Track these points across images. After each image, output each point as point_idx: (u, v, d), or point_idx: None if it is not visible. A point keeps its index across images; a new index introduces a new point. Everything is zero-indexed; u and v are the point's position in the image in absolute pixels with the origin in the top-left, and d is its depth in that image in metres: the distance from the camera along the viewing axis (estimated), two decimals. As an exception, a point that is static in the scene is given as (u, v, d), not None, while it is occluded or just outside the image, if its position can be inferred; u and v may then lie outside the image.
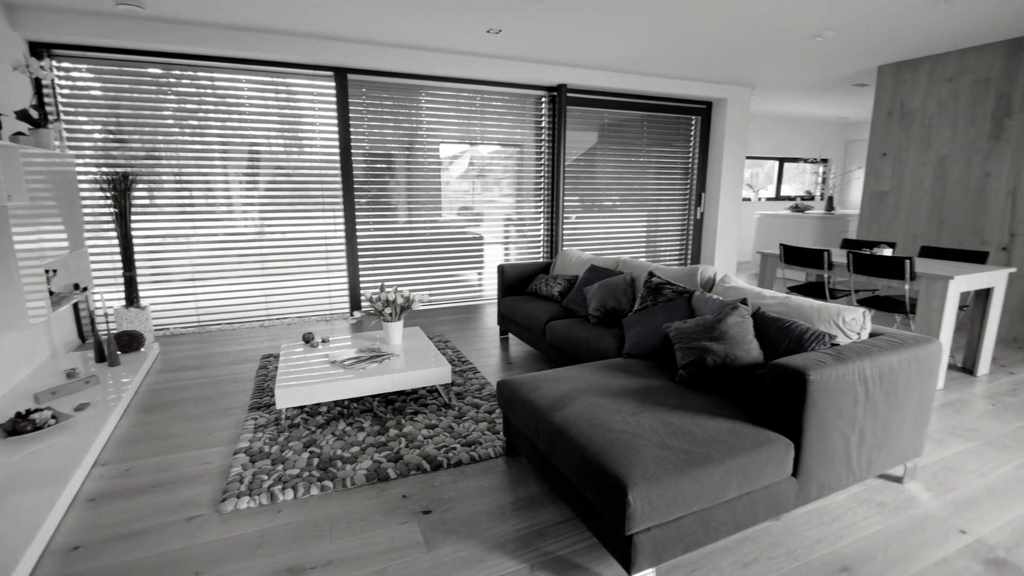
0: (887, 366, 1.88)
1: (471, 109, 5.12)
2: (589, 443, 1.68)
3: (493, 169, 5.39)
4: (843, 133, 9.44)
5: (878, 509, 2.03)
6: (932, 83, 4.70)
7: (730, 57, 4.78)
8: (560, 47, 4.51)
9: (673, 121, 6.16)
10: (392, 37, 4.24)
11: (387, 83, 4.73)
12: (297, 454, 2.40)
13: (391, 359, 2.91)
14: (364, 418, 2.76)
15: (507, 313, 3.94)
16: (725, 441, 1.69)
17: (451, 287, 5.38)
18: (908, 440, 2.06)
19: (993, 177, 4.34)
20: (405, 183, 4.99)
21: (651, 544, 1.53)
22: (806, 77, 5.58)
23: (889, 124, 5.07)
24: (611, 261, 3.65)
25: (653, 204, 6.28)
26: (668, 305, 2.69)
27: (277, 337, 4.31)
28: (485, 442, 2.51)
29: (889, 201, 5.14)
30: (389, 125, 4.82)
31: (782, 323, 2.13)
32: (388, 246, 5.02)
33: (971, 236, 4.52)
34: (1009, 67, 4.18)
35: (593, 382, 2.17)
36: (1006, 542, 1.86)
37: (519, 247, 5.68)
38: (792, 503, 1.81)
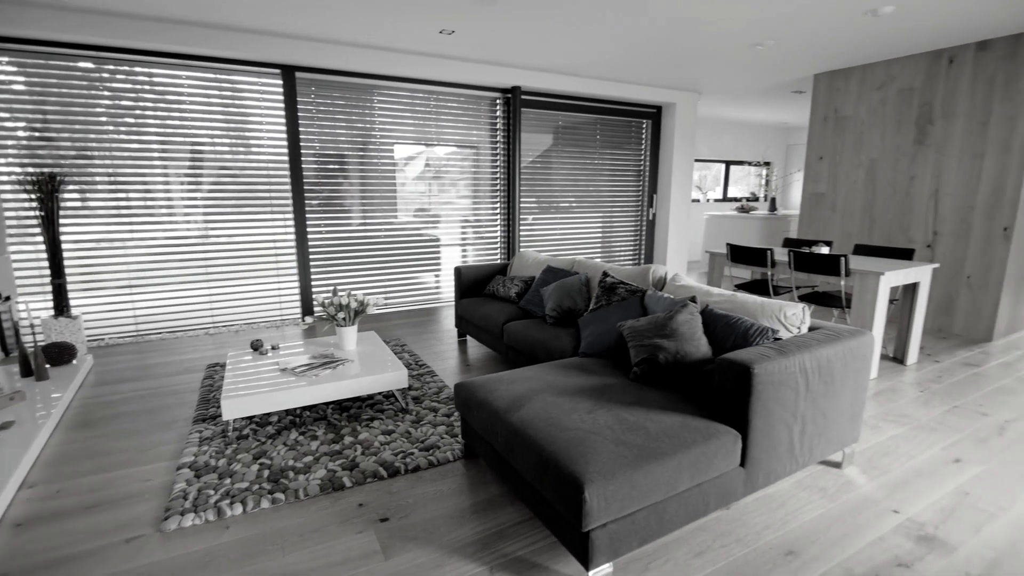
0: (825, 358, 1.98)
1: (426, 110, 5.07)
2: (546, 442, 1.70)
3: (449, 170, 5.36)
4: (784, 137, 9.92)
5: (820, 494, 2.14)
6: (863, 91, 5.00)
7: (678, 63, 4.94)
8: (513, 49, 4.54)
9: (625, 124, 6.30)
10: (342, 35, 4.15)
11: (338, 82, 4.63)
12: (246, 467, 2.31)
13: (345, 365, 2.84)
14: (318, 426, 2.68)
15: (465, 315, 3.93)
16: (677, 435, 1.74)
17: (408, 290, 5.31)
18: (845, 427, 2.18)
19: (918, 180, 4.66)
20: (359, 184, 4.90)
21: (608, 539, 1.55)
22: (749, 84, 5.83)
23: (825, 129, 5.36)
24: (567, 262, 3.70)
25: (607, 205, 6.41)
26: (622, 304, 2.75)
27: (223, 345, 4.13)
28: (443, 446, 2.48)
29: (826, 202, 5.43)
30: (341, 125, 4.72)
31: (729, 319, 2.21)
32: (342, 249, 4.90)
33: (899, 234, 4.84)
34: (930, 77, 4.51)
35: (550, 382, 2.19)
36: (934, 519, 1.99)
37: (476, 249, 5.67)
38: (741, 492, 1.88)
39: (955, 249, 4.45)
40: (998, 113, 4.11)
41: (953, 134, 4.39)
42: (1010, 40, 4.01)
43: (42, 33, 3.55)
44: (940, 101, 4.45)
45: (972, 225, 4.33)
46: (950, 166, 4.43)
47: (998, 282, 4.21)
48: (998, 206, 4.16)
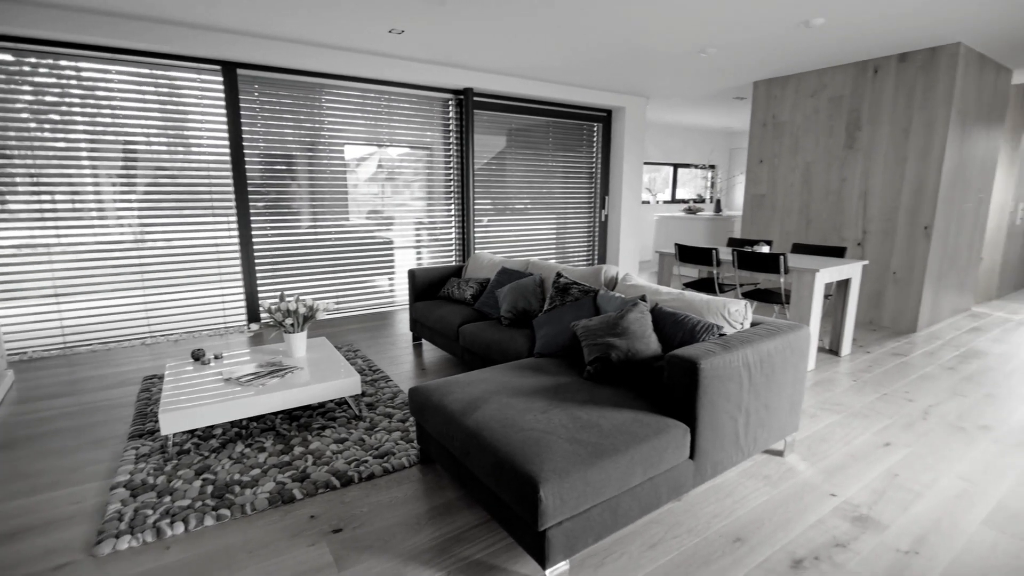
0: (766, 352, 2.07)
1: (377, 110, 4.98)
2: (501, 444, 1.70)
3: (403, 172, 5.29)
4: (728, 141, 10.35)
5: (764, 481, 2.24)
6: (798, 98, 5.28)
7: (626, 68, 5.06)
8: (465, 51, 4.53)
9: (577, 127, 6.40)
10: (286, 32, 4.03)
11: (284, 80, 4.48)
12: (188, 483, 2.19)
13: (294, 373, 2.75)
14: (265, 438, 2.58)
15: (419, 319, 3.88)
16: (629, 431, 1.78)
17: (360, 294, 5.20)
18: (786, 417, 2.29)
19: (848, 182, 4.96)
20: (308, 186, 4.75)
21: (563, 537, 1.57)
22: (694, 89, 6.05)
23: (764, 134, 5.63)
24: (521, 263, 3.72)
25: (561, 207, 6.49)
26: (575, 304, 2.79)
27: (162, 355, 3.92)
28: (399, 452, 2.44)
29: (766, 203, 5.70)
30: (288, 125, 4.57)
31: (677, 317, 2.29)
32: (290, 252, 4.74)
33: (833, 233, 5.14)
34: (858, 86, 4.81)
35: (505, 383, 2.19)
36: (867, 500, 2.12)
37: (431, 251, 5.62)
38: (691, 483, 1.95)
39: (882, 247, 4.77)
40: (918, 120, 4.44)
41: (879, 139, 4.70)
42: (927, 53, 4.33)
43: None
44: (867, 108, 4.76)
45: (897, 224, 4.65)
46: (876, 169, 4.74)
47: (920, 277, 4.54)
48: (919, 206, 4.49)
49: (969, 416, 2.91)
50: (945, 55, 4.22)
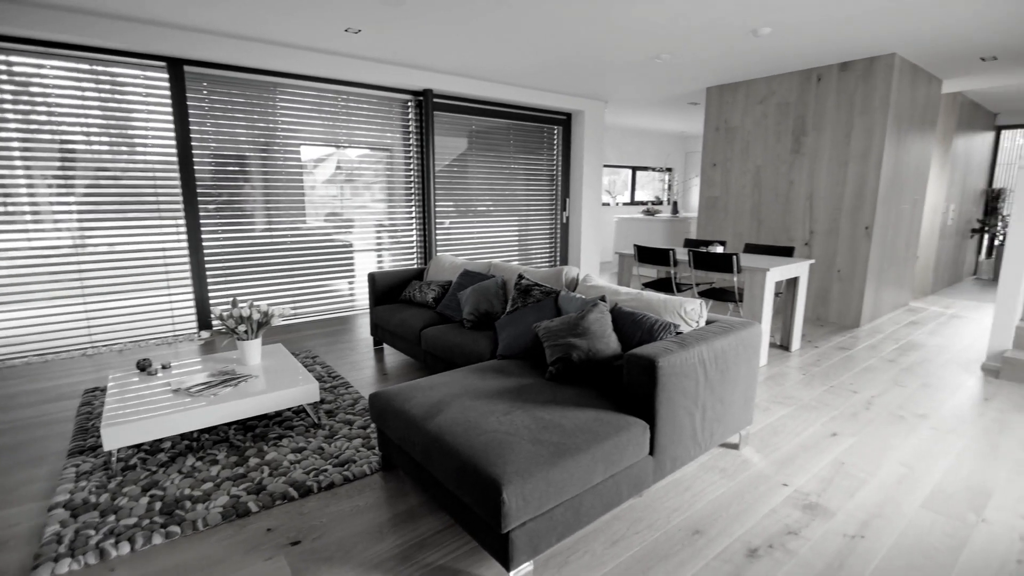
0: (720, 349, 2.14)
1: (334, 110, 4.88)
2: (464, 447, 1.69)
3: (363, 173, 5.19)
4: (683, 145, 10.65)
5: (721, 474, 2.31)
6: (748, 104, 5.49)
7: (584, 72, 5.14)
8: (424, 52, 4.50)
9: (537, 130, 6.45)
10: (235, 28, 3.90)
11: (235, 78, 4.33)
12: (134, 500, 2.08)
13: (248, 381, 2.65)
14: (218, 449, 2.48)
15: (380, 323, 3.82)
16: (591, 430, 1.80)
17: (319, 298, 5.07)
18: (740, 411, 2.37)
19: (795, 185, 5.19)
20: (262, 188, 4.61)
21: (527, 538, 1.57)
22: (650, 94, 6.20)
23: (717, 138, 5.82)
24: (483, 265, 3.71)
25: (523, 209, 6.52)
26: (537, 306, 2.80)
27: (105, 367, 3.71)
28: (360, 459, 2.39)
29: (719, 205, 5.89)
30: (241, 124, 4.41)
31: (635, 316, 2.33)
32: (243, 257, 4.58)
33: (782, 234, 5.36)
34: (803, 93, 5.04)
35: (467, 386, 2.18)
36: (816, 488, 2.22)
37: (393, 254, 5.54)
38: (651, 479, 1.99)
39: (827, 246, 5.01)
40: (858, 126, 4.68)
41: (823, 144, 4.94)
42: (866, 62, 4.58)
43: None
44: (811, 114, 4.99)
45: (840, 225, 4.89)
46: (821, 173, 4.97)
47: (862, 275, 4.79)
48: (860, 208, 4.73)
49: (908, 405, 3.09)
50: (882, 65, 4.48)
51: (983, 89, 5.83)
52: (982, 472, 2.35)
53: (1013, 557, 1.80)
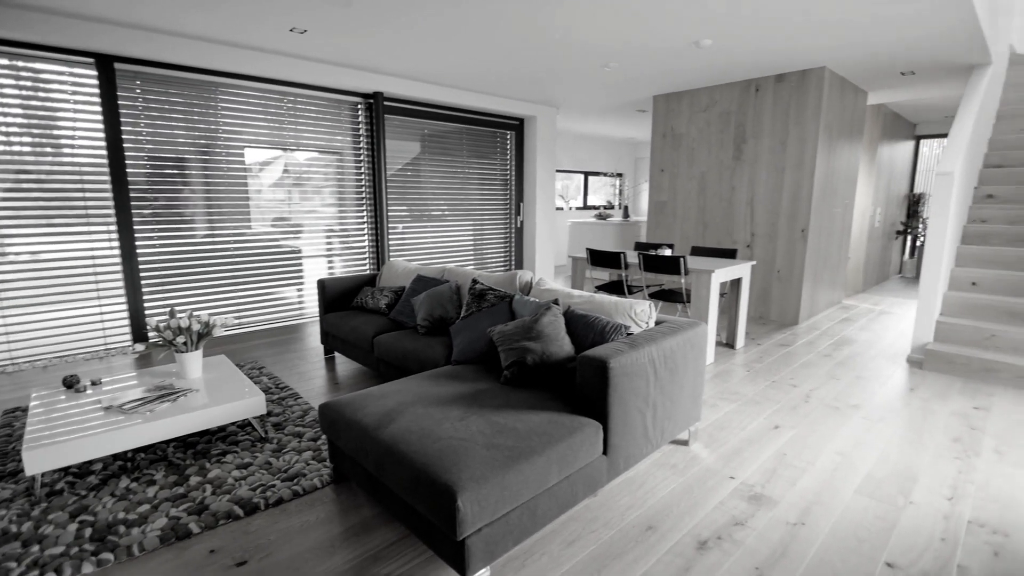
0: (669, 348, 2.21)
1: (280, 112, 4.73)
2: (418, 455, 1.66)
3: (312, 177, 5.04)
4: (633, 151, 10.94)
5: (672, 470, 2.38)
6: (692, 112, 5.70)
7: (535, 78, 5.20)
8: (374, 55, 4.43)
9: (490, 135, 6.47)
10: (171, 24, 3.71)
11: (171, 77, 4.12)
12: (61, 528, 1.94)
13: (188, 396, 2.52)
14: (156, 469, 2.34)
15: (331, 330, 3.71)
16: (545, 432, 1.81)
17: (265, 307, 4.88)
18: (689, 408, 2.45)
19: (737, 190, 5.42)
20: (203, 191, 4.40)
21: (483, 544, 1.56)
22: (600, 101, 6.34)
23: (664, 145, 6.01)
24: (437, 270, 3.68)
25: (477, 213, 6.51)
26: (491, 310, 2.80)
27: (26, 384, 3.43)
28: (310, 473, 2.31)
29: (667, 209, 6.09)
30: (179, 125, 4.20)
31: (588, 319, 2.37)
32: (183, 264, 4.35)
33: (726, 237, 5.58)
34: (743, 103, 5.28)
35: (421, 393, 2.16)
36: (761, 480, 2.32)
37: (344, 260, 5.41)
38: (605, 478, 2.02)
39: (767, 248, 5.26)
40: (793, 134, 4.95)
41: (761, 151, 5.19)
42: (799, 75, 4.85)
43: None
44: (751, 123, 5.24)
45: (779, 228, 5.15)
46: (760, 179, 5.22)
47: (800, 275, 5.05)
48: (796, 212, 5.00)
49: (842, 397, 3.28)
50: (814, 77, 4.76)
51: (903, 101, 6.30)
52: (909, 458, 2.52)
53: (937, 535, 1.94)
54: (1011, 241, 4.42)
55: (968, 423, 2.92)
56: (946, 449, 2.61)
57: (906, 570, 1.76)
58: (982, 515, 2.07)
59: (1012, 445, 2.66)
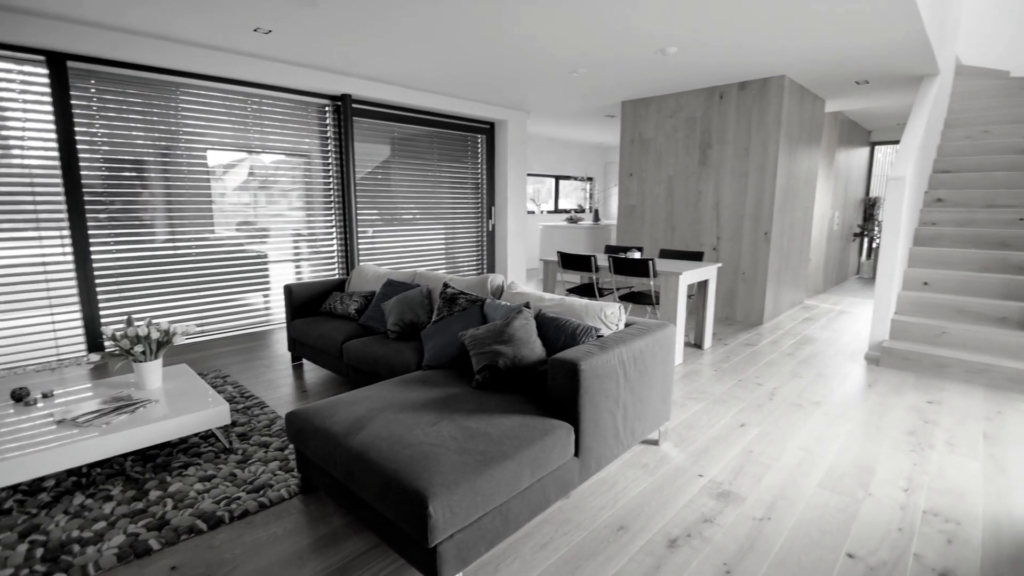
0: (639, 349, 2.24)
1: (244, 114, 4.61)
2: (388, 462, 1.64)
3: (279, 180, 4.93)
4: (602, 156, 11.08)
5: (643, 470, 2.41)
6: (660, 118, 5.81)
7: (505, 83, 5.22)
8: (341, 56, 4.37)
9: (461, 138, 6.46)
10: (127, 22, 3.59)
11: (128, 76, 3.98)
12: (10, 548, 1.83)
13: (147, 407, 2.42)
14: (113, 484, 2.25)
15: (299, 337, 3.63)
16: (517, 435, 1.81)
17: (230, 313, 4.74)
18: (659, 408, 2.49)
19: (703, 194, 5.55)
20: (163, 195, 4.25)
21: (455, 550, 1.55)
22: (570, 106, 6.40)
23: (632, 150, 6.11)
24: (408, 274, 3.65)
25: (449, 217, 6.48)
26: (463, 314, 2.79)
27: (-28, 399, 3.25)
28: (277, 483, 2.26)
29: (637, 213, 6.18)
30: (137, 126, 4.05)
31: (559, 322, 2.39)
32: (141, 270, 4.19)
33: (693, 240, 5.71)
34: (707, 109, 5.42)
35: (392, 399, 2.13)
36: (728, 477, 2.37)
37: (312, 264, 5.30)
38: (577, 480, 2.03)
39: (733, 251, 5.40)
40: (755, 140, 5.10)
41: (726, 157, 5.33)
42: (761, 82, 5.01)
43: None
44: (715, 129, 5.38)
45: (743, 231, 5.29)
46: (725, 183, 5.36)
47: (763, 276, 5.20)
48: (760, 215, 5.15)
49: (805, 394, 3.38)
50: (774, 85, 4.92)
51: (859, 109, 6.57)
52: (867, 451, 2.62)
53: (895, 525, 2.02)
54: (959, 243, 4.65)
55: (922, 417, 3.05)
56: (902, 442, 2.72)
57: (865, 560, 1.82)
58: (936, 505, 2.16)
59: (962, 437, 2.79)
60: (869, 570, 1.77)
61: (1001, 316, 3.97)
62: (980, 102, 5.98)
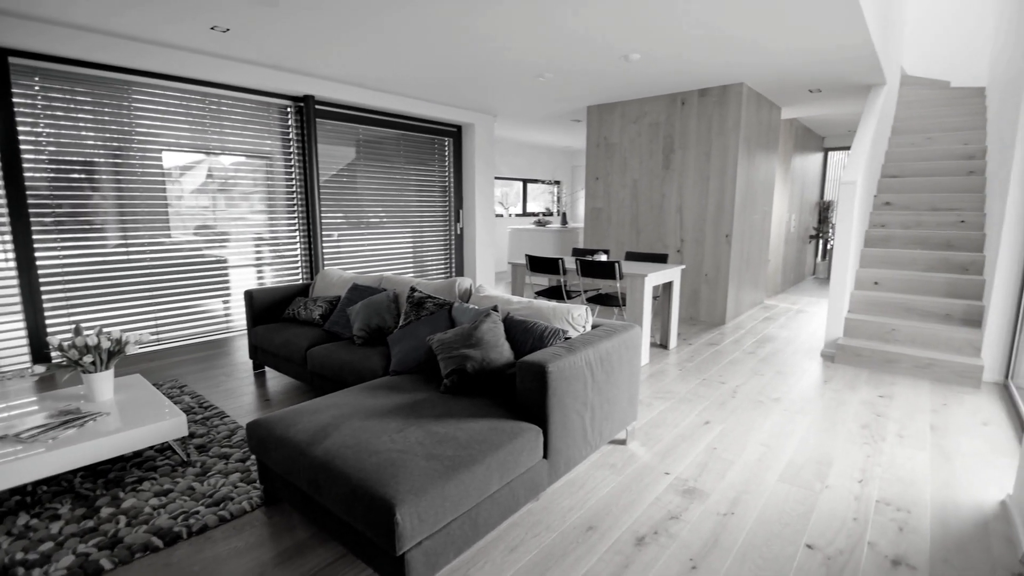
0: (606, 351, 2.27)
1: (202, 114, 4.46)
2: (354, 470, 1.61)
3: (239, 182, 4.79)
4: (570, 159, 11.20)
5: (611, 470, 2.44)
6: (624, 123, 5.92)
7: (472, 86, 5.22)
8: (303, 57, 4.28)
9: (428, 141, 6.42)
10: (75, 17, 3.43)
11: (76, 74, 3.80)
12: (-59, 576, 1.72)
13: (98, 420, 2.31)
14: (60, 502, 2.13)
15: (260, 344, 3.53)
16: (486, 439, 1.81)
17: (187, 321, 4.58)
18: (626, 408, 2.52)
19: (667, 197, 5.67)
20: (115, 197, 4.07)
21: (424, 557, 1.53)
22: (536, 110, 6.45)
23: (598, 154, 6.20)
24: (374, 279, 3.59)
25: (416, 220, 6.43)
26: (431, 318, 2.77)
27: (-99, 416, 3.03)
28: (238, 496, 2.18)
29: (603, 216, 6.27)
30: (86, 126, 3.87)
31: (527, 324, 2.39)
32: (92, 276, 4.00)
33: (657, 242, 5.82)
34: (670, 115, 5.54)
35: (358, 406, 2.09)
36: (694, 474, 2.42)
37: (275, 269, 5.17)
38: (546, 482, 2.04)
39: (696, 252, 5.53)
40: (716, 145, 5.25)
41: (688, 161, 5.46)
42: (720, 90, 5.16)
43: None
44: (678, 134, 5.51)
45: (705, 233, 5.43)
46: (688, 187, 5.49)
47: (725, 277, 5.35)
48: (721, 218, 5.30)
49: (765, 391, 3.49)
50: (733, 93, 5.07)
51: (813, 116, 6.84)
52: (824, 445, 2.72)
53: (850, 516, 2.10)
54: (906, 244, 4.89)
55: (874, 410, 3.19)
56: (856, 435, 2.84)
57: (823, 550, 1.89)
58: (888, 494, 2.26)
59: (911, 429, 2.93)
60: (827, 560, 1.84)
61: (945, 313, 4.19)
62: (924, 110, 6.32)
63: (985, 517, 2.10)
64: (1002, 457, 2.60)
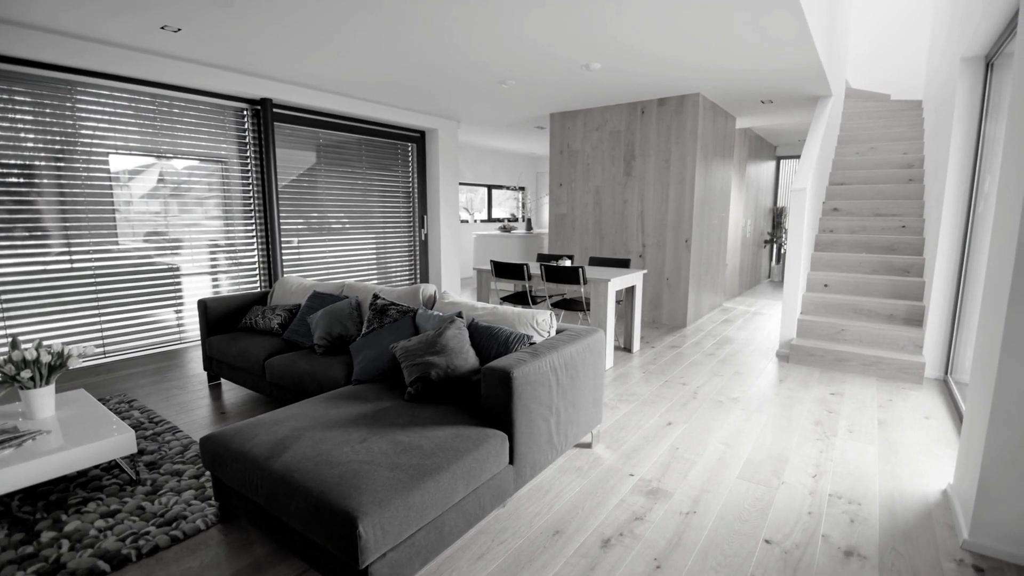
0: (569, 355, 2.29)
1: (152, 116, 4.29)
2: (314, 483, 1.57)
3: (193, 187, 4.61)
4: (534, 165, 11.29)
5: (576, 473, 2.45)
6: (586, 130, 6.01)
7: (434, 92, 5.20)
8: (260, 59, 4.18)
9: (391, 146, 6.35)
10: (12, 12, 3.24)
11: (13, 72, 3.58)
12: None
13: (37, 439, 2.17)
14: (-6, 528, 1.99)
15: (216, 355, 3.40)
16: (451, 447, 1.79)
17: (137, 332, 4.37)
18: (591, 412, 2.55)
19: (629, 203, 5.79)
20: (57, 203, 3.85)
21: (388, 570, 1.50)
22: (500, 116, 6.48)
23: (562, 161, 6.27)
24: (335, 286, 3.52)
25: (380, 226, 6.34)
26: (394, 325, 2.73)
27: None
28: (192, 514, 2.09)
29: (567, 222, 6.34)
30: (25, 128, 3.66)
31: (492, 330, 2.39)
32: (30, 286, 3.77)
33: (620, 247, 5.93)
34: (631, 123, 5.67)
35: (319, 416, 2.04)
36: (657, 475, 2.46)
37: (232, 277, 4.99)
38: (512, 488, 2.04)
39: (657, 257, 5.66)
40: (675, 153, 5.39)
41: (648, 168, 5.59)
42: (678, 99, 5.31)
43: None
44: (638, 142, 5.63)
45: (666, 238, 5.56)
46: (649, 193, 5.62)
47: (686, 281, 5.49)
48: (681, 223, 5.44)
49: (724, 392, 3.59)
50: (690, 102, 5.23)
51: (765, 126, 7.12)
52: (780, 442, 2.82)
53: (806, 510, 2.18)
54: (853, 247, 5.14)
55: (826, 407, 3.32)
56: (810, 432, 2.95)
57: (780, 544, 1.95)
58: (839, 488, 2.36)
59: (860, 424, 3.07)
60: (784, 553, 1.90)
61: (889, 313, 4.42)
62: (867, 122, 6.67)
63: (929, 506, 2.21)
64: (944, 448, 2.76)
